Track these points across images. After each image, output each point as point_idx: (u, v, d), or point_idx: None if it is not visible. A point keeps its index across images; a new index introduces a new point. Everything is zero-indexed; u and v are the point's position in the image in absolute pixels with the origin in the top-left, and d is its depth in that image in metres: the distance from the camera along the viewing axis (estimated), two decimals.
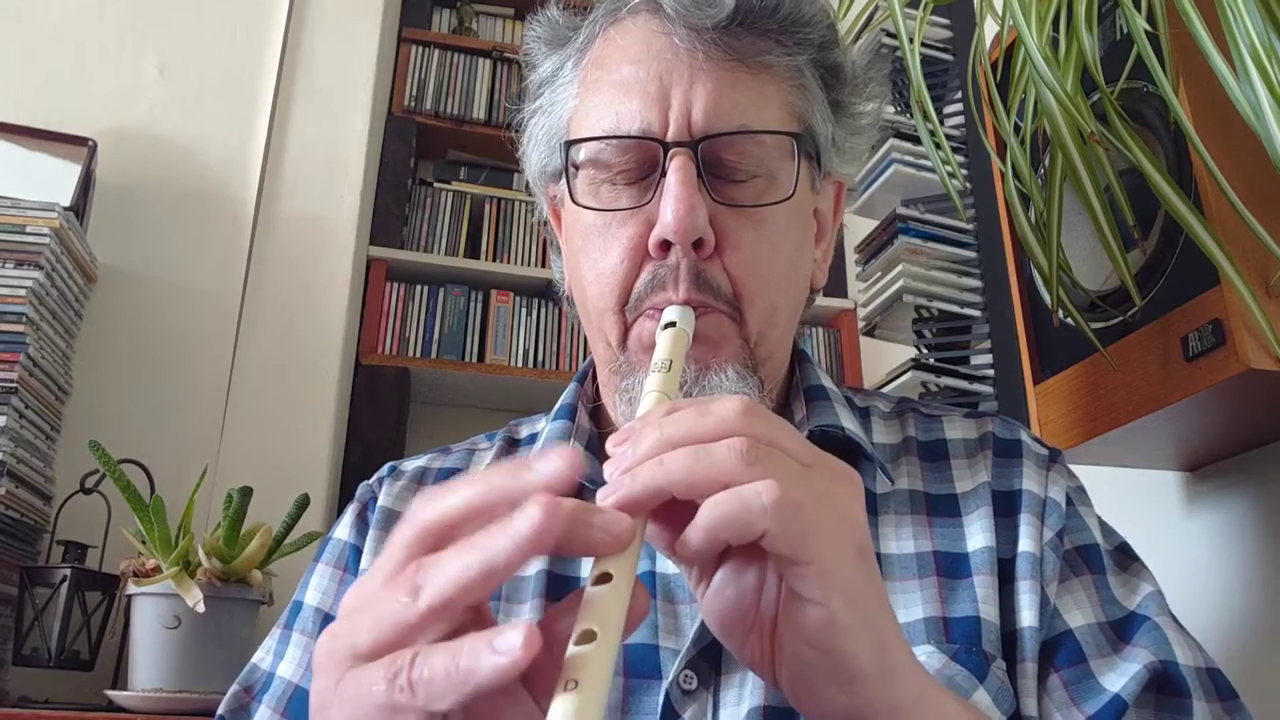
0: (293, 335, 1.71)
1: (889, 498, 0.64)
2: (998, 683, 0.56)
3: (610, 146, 0.62)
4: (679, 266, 0.60)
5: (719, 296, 0.60)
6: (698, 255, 0.60)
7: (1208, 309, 0.72)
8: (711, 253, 0.60)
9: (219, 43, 1.84)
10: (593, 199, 0.64)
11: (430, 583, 0.34)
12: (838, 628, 0.39)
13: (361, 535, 0.68)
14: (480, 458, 0.73)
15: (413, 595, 0.34)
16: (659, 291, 0.60)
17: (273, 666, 0.66)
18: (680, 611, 0.59)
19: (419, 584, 0.34)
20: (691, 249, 0.59)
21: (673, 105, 0.61)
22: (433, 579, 0.34)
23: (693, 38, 0.61)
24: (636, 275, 0.62)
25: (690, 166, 0.60)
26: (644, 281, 0.61)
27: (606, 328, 0.64)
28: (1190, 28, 0.66)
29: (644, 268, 0.61)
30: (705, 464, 0.39)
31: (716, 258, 0.61)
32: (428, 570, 0.34)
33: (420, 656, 0.33)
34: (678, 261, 0.60)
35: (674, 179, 0.59)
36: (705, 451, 0.39)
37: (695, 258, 0.60)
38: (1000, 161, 0.92)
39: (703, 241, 0.59)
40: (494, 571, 0.34)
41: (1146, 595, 0.60)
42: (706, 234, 0.59)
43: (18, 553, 1.38)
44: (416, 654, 0.33)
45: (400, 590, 0.35)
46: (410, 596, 0.34)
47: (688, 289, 0.59)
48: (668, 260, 0.60)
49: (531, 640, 0.31)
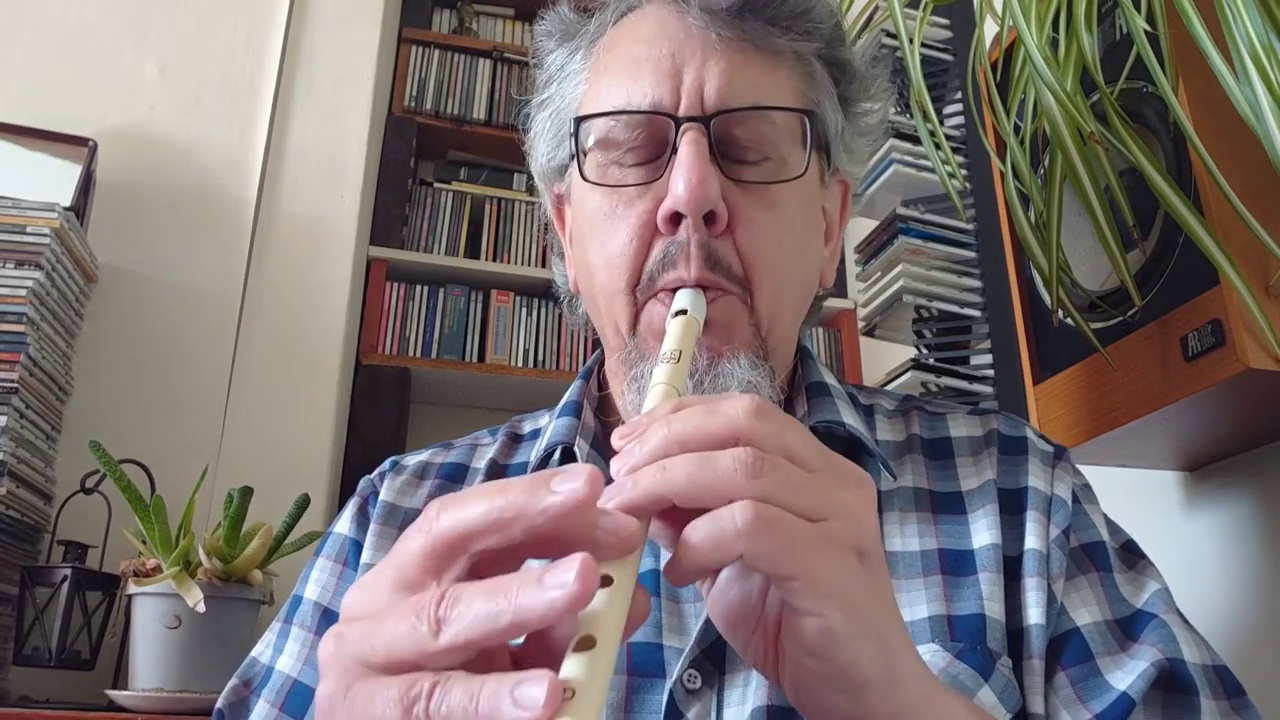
0: (293, 335, 1.71)
1: (893, 495, 0.64)
2: (1003, 681, 0.56)
3: (620, 123, 0.62)
4: (690, 243, 0.59)
5: (730, 276, 0.60)
6: (709, 231, 0.59)
7: (1208, 309, 0.72)
8: (723, 230, 0.60)
9: (219, 43, 1.84)
10: (601, 180, 0.63)
11: (455, 621, 0.33)
12: (836, 638, 0.39)
13: (362, 530, 0.68)
14: (483, 453, 0.73)
15: (434, 628, 0.33)
16: (670, 270, 0.60)
17: (272, 660, 0.65)
18: (685, 610, 0.59)
19: (441, 617, 0.33)
20: (703, 224, 0.59)
21: (685, 81, 0.61)
22: (459, 617, 0.33)
23: (706, 18, 0.61)
24: (647, 254, 0.61)
25: (703, 141, 0.59)
26: (655, 260, 0.61)
27: (617, 311, 0.63)
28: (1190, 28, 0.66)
29: (654, 245, 0.61)
30: (709, 475, 0.38)
31: (728, 235, 0.60)
32: (453, 606, 0.33)
33: (440, 688, 0.32)
34: (688, 237, 0.59)
35: (686, 151, 0.59)
36: (710, 461, 0.38)
37: (706, 234, 0.59)
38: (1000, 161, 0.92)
39: (715, 215, 0.59)
40: (522, 626, 0.32)
41: (1153, 593, 0.60)
42: (719, 207, 0.59)
43: (18, 552, 1.38)
44: (436, 683, 0.32)
45: (420, 616, 0.33)
46: (431, 629, 0.33)
47: (700, 267, 0.59)
48: (678, 236, 0.59)
49: (553, 698, 0.30)
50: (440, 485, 0.70)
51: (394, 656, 0.34)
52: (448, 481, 0.71)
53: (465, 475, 0.71)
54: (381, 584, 0.37)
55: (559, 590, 0.32)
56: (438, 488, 0.70)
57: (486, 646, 0.33)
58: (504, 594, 0.33)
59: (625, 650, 0.57)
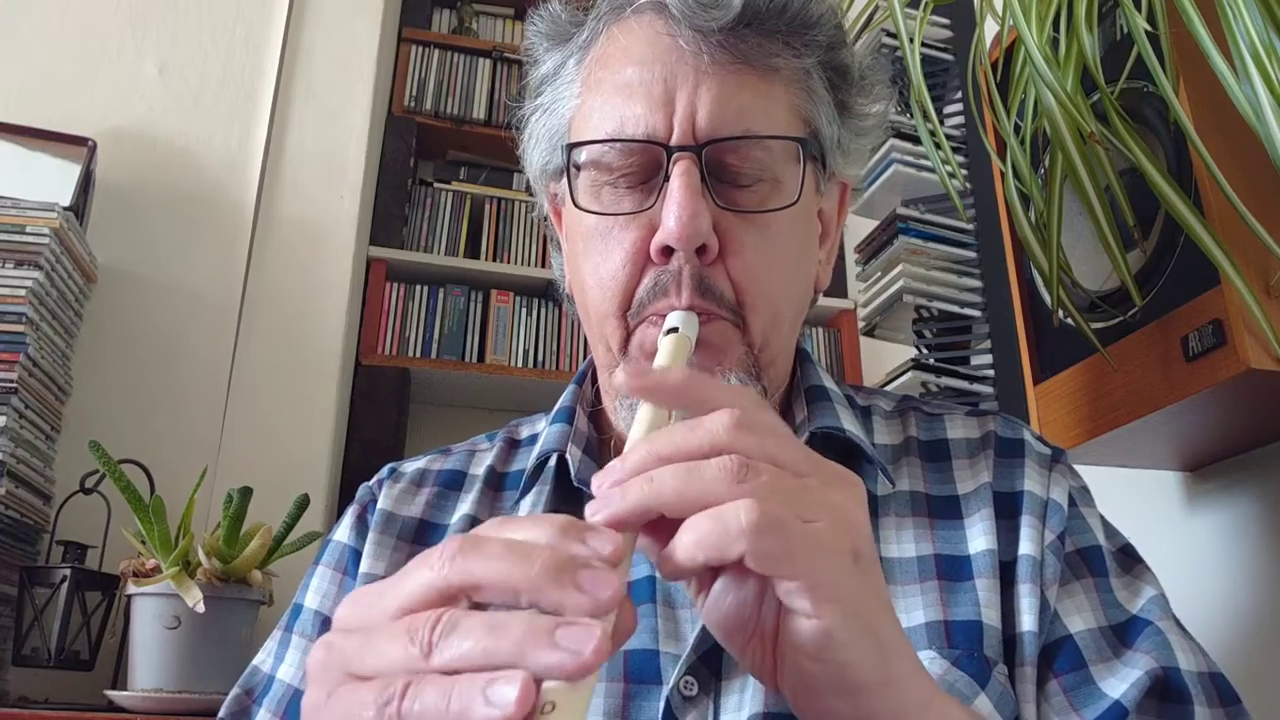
0: (293, 335, 1.71)
1: (890, 500, 0.64)
2: (999, 688, 0.56)
3: (613, 150, 0.62)
4: (681, 272, 0.59)
5: (722, 303, 0.60)
6: (701, 261, 0.59)
7: (1208, 309, 0.72)
8: (715, 259, 0.59)
9: (219, 43, 1.84)
10: (594, 202, 0.63)
11: (447, 650, 0.33)
12: (835, 640, 0.38)
13: (361, 538, 0.68)
14: (480, 460, 0.72)
15: (426, 650, 0.33)
16: (661, 298, 0.60)
17: (273, 669, 0.66)
18: (680, 617, 0.59)
19: (434, 641, 0.33)
20: (694, 256, 0.59)
21: (677, 109, 0.60)
22: (451, 646, 0.33)
23: (698, 40, 0.60)
24: (638, 281, 0.61)
25: (694, 171, 0.59)
26: (646, 287, 0.61)
27: (608, 333, 0.63)
28: (1190, 27, 0.66)
29: (646, 273, 0.61)
30: (696, 485, 0.38)
31: (720, 263, 0.60)
32: (447, 636, 0.33)
33: (413, 688, 0.32)
34: (680, 267, 0.59)
35: (677, 184, 0.58)
36: (696, 471, 0.38)
37: (698, 264, 0.59)
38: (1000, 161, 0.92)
39: (706, 248, 0.59)
40: (517, 668, 0.32)
41: (1149, 599, 0.60)
42: (710, 240, 0.59)
43: (18, 553, 1.38)
44: (409, 683, 0.32)
45: (414, 637, 0.33)
46: (423, 650, 0.33)
47: (690, 295, 0.59)
48: (670, 266, 0.59)
49: (526, 697, 0.30)
50: (438, 492, 0.70)
51: (381, 672, 0.34)
52: (446, 489, 0.70)
53: (463, 482, 0.71)
54: (381, 603, 0.36)
55: (570, 660, 0.31)
56: (436, 495, 0.70)
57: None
58: (509, 637, 0.32)
59: (621, 657, 0.57)
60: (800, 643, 0.39)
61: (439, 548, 0.36)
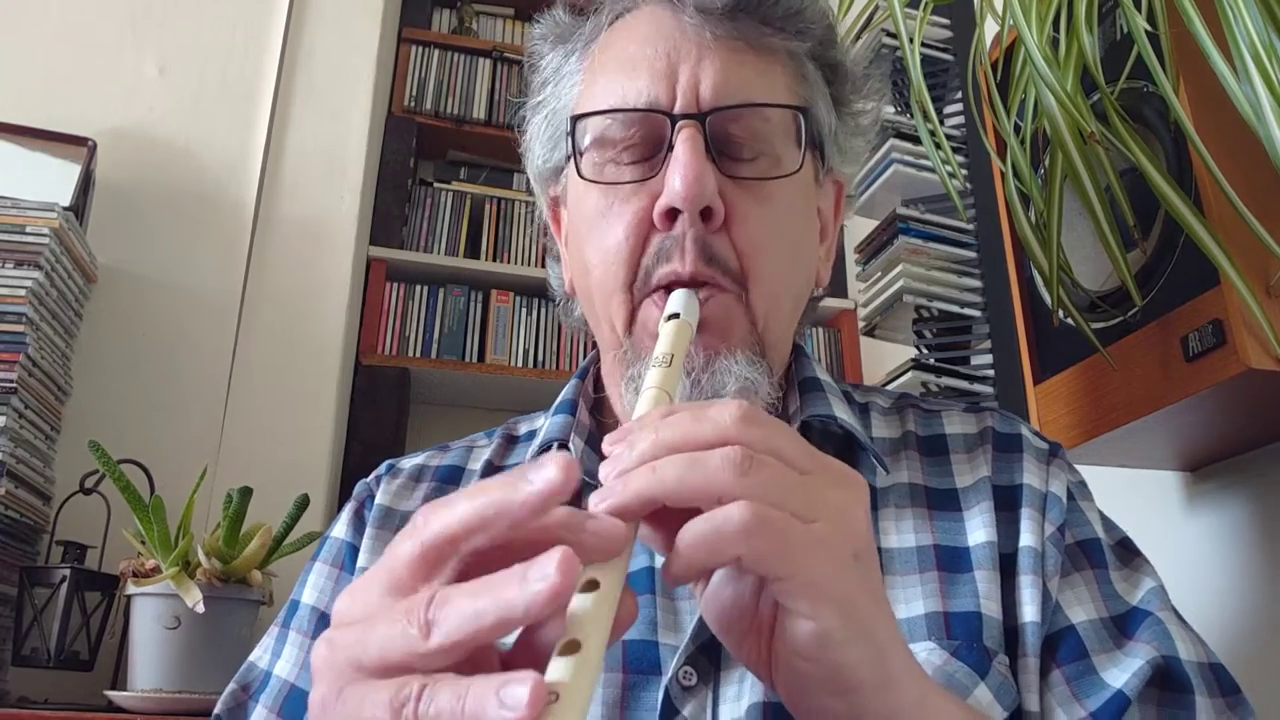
0: (293, 335, 1.71)
1: (889, 491, 0.64)
2: (999, 679, 0.56)
3: (616, 121, 0.62)
4: (685, 237, 0.59)
5: (726, 271, 0.60)
6: (705, 227, 0.59)
7: (1208, 309, 0.72)
8: (719, 227, 0.60)
9: (219, 43, 1.84)
10: (598, 178, 0.63)
11: (444, 622, 0.33)
12: (831, 640, 0.39)
13: (359, 534, 0.68)
14: (478, 455, 0.73)
15: (424, 631, 0.33)
16: (665, 263, 0.60)
17: (270, 665, 0.65)
18: (680, 607, 0.59)
19: (431, 620, 0.33)
20: (699, 220, 0.59)
21: (680, 79, 0.61)
22: (446, 618, 0.33)
23: (701, 18, 0.62)
24: (643, 250, 0.61)
25: (699, 138, 0.59)
26: (650, 255, 0.61)
27: (613, 310, 0.63)
28: (1190, 27, 0.66)
29: (650, 241, 0.61)
30: (699, 475, 0.38)
31: (723, 231, 0.60)
32: (440, 608, 0.33)
33: (428, 690, 0.32)
34: (684, 232, 0.59)
35: (682, 149, 0.59)
36: (699, 461, 0.38)
37: (702, 228, 0.59)
38: (1000, 161, 0.92)
39: (711, 211, 0.59)
40: (508, 623, 0.33)
41: (1149, 590, 0.60)
42: (715, 203, 0.59)
43: (17, 553, 1.38)
44: (425, 685, 0.32)
45: (410, 619, 0.34)
46: (422, 631, 0.33)
47: (695, 261, 0.59)
48: (674, 231, 0.60)
49: (537, 700, 0.30)
50: (436, 488, 0.70)
51: (386, 659, 0.34)
52: (444, 484, 0.71)
53: (461, 477, 0.71)
54: (373, 589, 0.37)
55: (541, 583, 0.32)
56: (434, 490, 0.70)
57: (476, 647, 0.33)
58: (488, 591, 0.33)
59: (621, 648, 0.57)
60: (796, 642, 0.39)
61: (411, 520, 0.37)
